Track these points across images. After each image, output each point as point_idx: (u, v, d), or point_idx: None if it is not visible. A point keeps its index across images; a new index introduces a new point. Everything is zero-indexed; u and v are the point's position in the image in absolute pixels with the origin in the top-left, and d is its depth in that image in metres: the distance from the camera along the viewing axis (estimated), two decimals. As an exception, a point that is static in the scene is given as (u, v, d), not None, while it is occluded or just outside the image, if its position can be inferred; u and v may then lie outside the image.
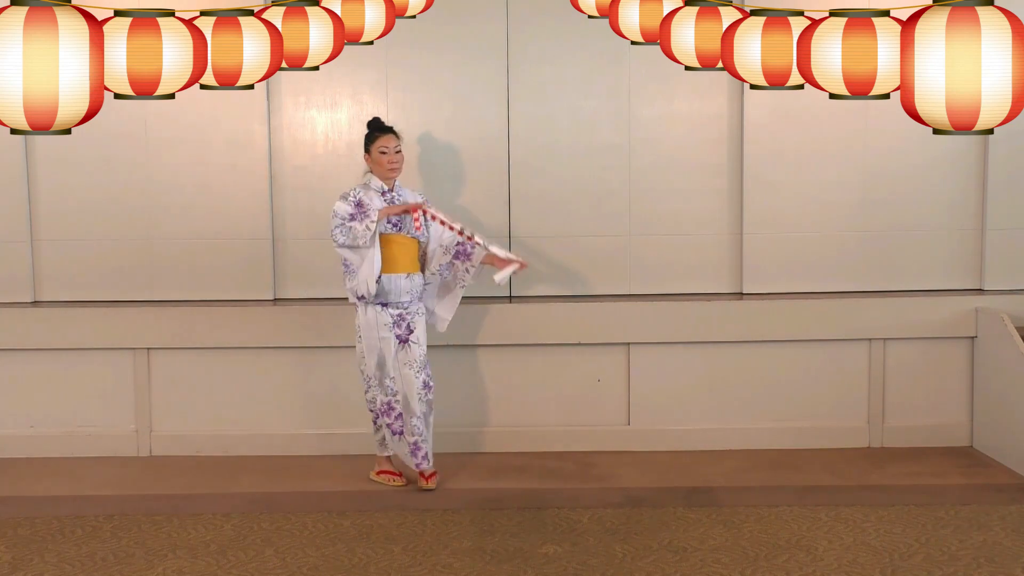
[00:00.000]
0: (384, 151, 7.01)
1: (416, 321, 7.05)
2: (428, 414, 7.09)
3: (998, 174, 7.94)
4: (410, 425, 7.04)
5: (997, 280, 7.97)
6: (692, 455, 7.75)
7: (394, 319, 7.00)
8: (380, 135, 7.04)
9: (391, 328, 7.00)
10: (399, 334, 7.01)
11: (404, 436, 7.07)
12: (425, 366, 7.05)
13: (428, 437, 7.07)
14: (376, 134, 7.06)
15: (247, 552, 6.13)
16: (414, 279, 7.05)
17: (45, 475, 7.47)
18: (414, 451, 7.05)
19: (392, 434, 7.10)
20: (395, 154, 7.02)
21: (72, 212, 7.92)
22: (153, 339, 7.79)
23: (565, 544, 6.20)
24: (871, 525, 6.43)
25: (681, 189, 8.03)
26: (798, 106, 7.79)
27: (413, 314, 7.04)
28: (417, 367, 7.02)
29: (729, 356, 7.88)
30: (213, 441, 7.83)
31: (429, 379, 7.07)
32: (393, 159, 7.01)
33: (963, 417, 7.94)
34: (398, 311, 7.00)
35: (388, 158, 7.00)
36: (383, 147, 7.01)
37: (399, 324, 7.01)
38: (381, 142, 7.02)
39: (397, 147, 7.04)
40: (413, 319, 7.04)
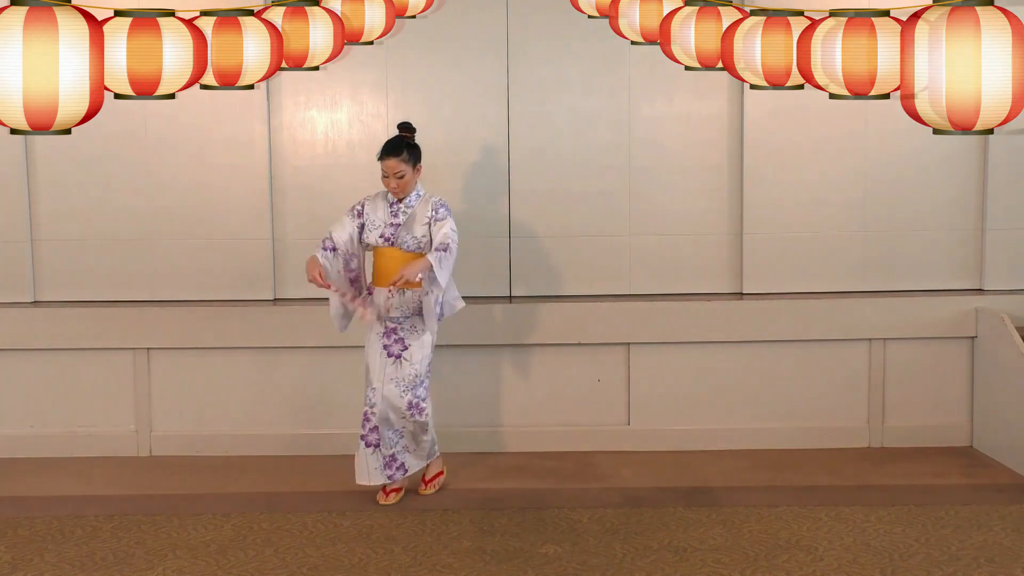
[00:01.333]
0: (385, 175, 6.72)
1: (411, 338, 6.77)
2: (418, 434, 6.78)
3: (998, 174, 7.94)
4: (386, 438, 6.76)
5: (997, 280, 7.97)
6: (692, 455, 7.75)
7: (386, 330, 6.77)
8: (383, 157, 6.72)
9: (380, 337, 6.77)
10: (388, 346, 6.75)
11: (379, 449, 6.76)
12: (415, 387, 6.73)
13: (412, 447, 6.80)
14: (381, 154, 6.74)
15: (247, 552, 6.13)
16: (406, 295, 6.73)
17: (45, 475, 7.47)
18: (388, 464, 6.77)
19: (365, 446, 6.76)
20: (396, 180, 6.67)
21: (72, 212, 7.92)
22: (153, 339, 7.79)
23: (565, 544, 6.19)
24: (871, 525, 6.43)
25: (681, 189, 8.03)
26: (798, 106, 7.79)
27: (408, 330, 6.76)
28: (404, 386, 6.72)
29: (729, 356, 7.88)
30: (213, 441, 7.83)
31: (420, 401, 6.74)
32: (392, 184, 6.69)
33: (963, 417, 7.94)
34: (392, 324, 6.77)
35: (388, 182, 6.72)
36: (384, 170, 6.71)
37: (389, 335, 6.76)
38: (382, 165, 6.72)
39: (399, 172, 6.66)
40: (408, 336, 6.77)
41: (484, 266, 7.94)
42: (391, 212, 6.78)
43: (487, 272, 7.97)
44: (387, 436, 6.76)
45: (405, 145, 6.72)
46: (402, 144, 6.72)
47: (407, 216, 6.76)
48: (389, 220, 6.77)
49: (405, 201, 6.77)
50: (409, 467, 6.84)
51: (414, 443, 6.82)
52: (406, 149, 6.71)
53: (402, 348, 6.77)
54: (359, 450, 6.79)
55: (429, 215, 6.73)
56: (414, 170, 6.75)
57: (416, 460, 6.86)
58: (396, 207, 6.78)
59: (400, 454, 6.80)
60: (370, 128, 7.97)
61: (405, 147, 6.71)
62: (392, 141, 6.76)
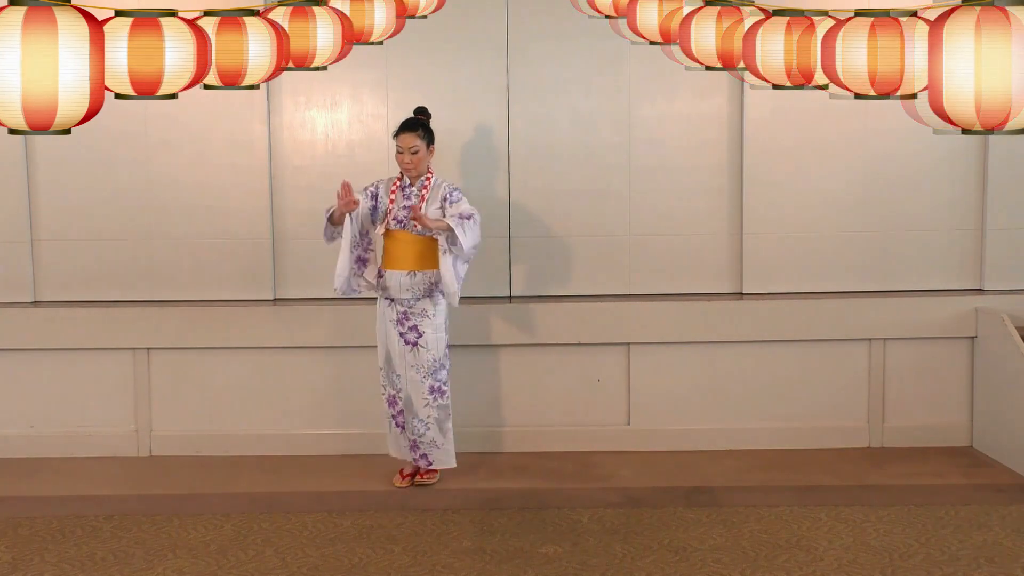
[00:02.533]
0: (400, 150, 6.97)
1: (424, 324, 6.95)
2: (442, 419, 7.02)
3: (998, 174, 7.94)
4: (411, 424, 7.02)
5: (997, 280, 7.97)
6: (692, 455, 7.75)
7: (399, 316, 6.97)
8: (399, 133, 6.99)
9: (396, 324, 6.97)
10: (403, 333, 6.96)
11: (405, 432, 7.06)
12: (435, 371, 6.97)
13: (440, 441, 7.02)
14: (398, 131, 7.01)
15: (247, 552, 6.13)
16: (417, 277, 6.94)
17: (45, 475, 7.46)
18: (413, 447, 7.05)
19: (395, 426, 7.09)
20: (411, 155, 6.92)
21: (72, 212, 7.92)
22: (153, 339, 7.79)
23: (565, 544, 6.19)
24: (871, 525, 6.43)
25: (681, 189, 8.03)
26: (798, 106, 7.79)
27: (419, 315, 6.95)
28: (424, 372, 6.96)
29: (729, 356, 7.88)
30: (213, 441, 7.83)
31: (441, 384, 7.00)
32: (406, 159, 6.93)
33: (963, 417, 7.94)
34: (402, 308, 6.95)
35: (402, 158, 6.95)
36: (398, 146, 6.97)
37: (403, 322, 6.96)
38: (398, 140, 6.98)
39: (414, 147, 6.92)
40: (420, 321, 6.94)
41: (484, 266, 7.94)
42: (404, 195, 6.95)
43: (487, 272, 7.96)
44: (412, 424, 7.00)
45: (421, 124, 7.00)
46: (419, 122, 7.01)
47: (420, 198, 6.92)
48: (402, 202, 6.94)
49: (418, 183, 6.96)
50: (434, 461, 7.06)
51: (441, 435, 7.02)
52: (422, 127, 6.98)
53: (417, 336, 6.95)
54: (390, 429, 7.12)
55: (442, 198, 6.94)
56: (428, 150, 7.00)
57: (444, 457, 7.07)
58: (409, 189, 6.96)
59: (427, 447, 7.02)
60: (370, 128, 7.97)
61: (421, 126, 6.98)
62: (409, 119, 7.04)
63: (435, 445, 7.03)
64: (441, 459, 7.07)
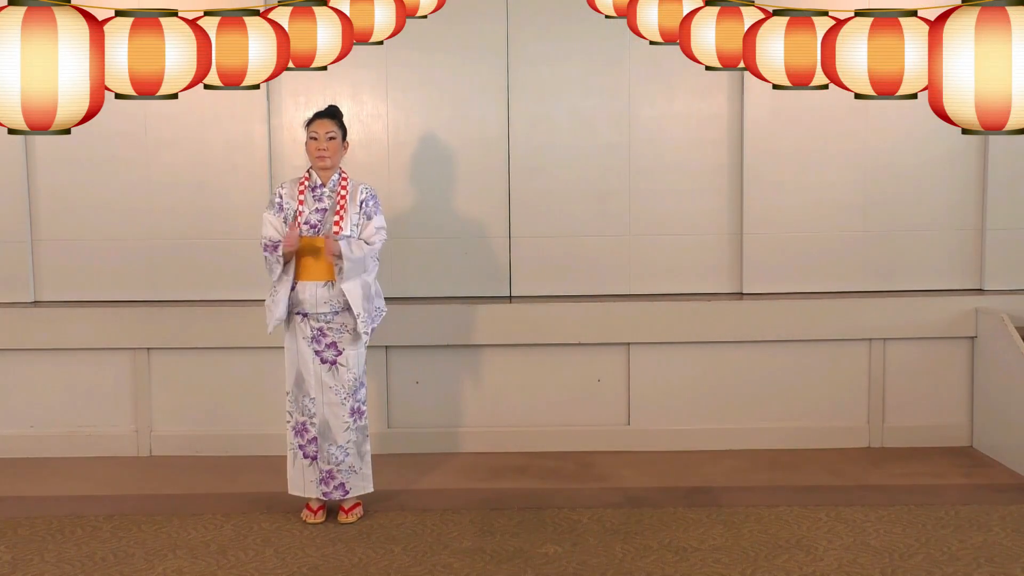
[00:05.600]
0: (314, 136, 6.35)
1: (343, 340, 6.36)
2: (360, 442, 6.45)
3: (998, 174, 7.94)
4: (325, 452, 6.41)
5: (997, 280, 7.97)
6: (692, 455, 7.75)
7: (314, 333, 6.36)
8: (313, 120, 6.39)
9: (310, 342, 6.36)
10: (320, 351, 6.37)
11: (316, 463, 6.45)
12: (355, 391, 6.39)
13: (358, 466, 6.44)
14: (311, 118, 6.42)
15: (247, 552, 6.13)
16: (335, 288, 6.32)
17: (45, 475, 7.47)
18: (326, 479, 6.42)
19: (302, 457, 6.45)
20: (327, 140, 6.31)
21: (72, 212, 7.93)
22: (153, 339, 7.79)
23: (565, 544, 6.19)
24: (871, 525, 6.43)
25: (681, 189, 8.03)
26: (798, 106, 7.79)
27: (338, 330, 6.35)
28: (345, 393, 6.37)
29: (729, 356, 7.88)
30: (213, 441, 7.83)
31: (361, 404, 6.42)
32: (321, 146, 6.31)
33: (963, 417, 7.94)
34: (318, 324, 6.34)
35: (316, 144, 6.33)
36: (312, 133, 6.36)
37: (319, 340, 6.36)
38: (312, 127, 6.38)
39: (330, 133, 6.33)
40: (339, 337, 6.35)
41: (484, 266, 7.94)
42: (315, 196, 6.37)
43: (487, 272, 7.97)
44: (328, 451, 6.42)
45: (339, 114, 6.51)
46: (336, 110, 6.52)
47: (332, 200, 6.36)
48: (314, 205, 6.37)
49: (331, 183, 6.39)
50: (351, 489, 6.48)
51: (360, 460, 6.46)
52: (339, 118, 6.48)
53: (336, 354, 6.38)
54: (295, 460, 6.48)
55: (361, 202, 6.37)
56: (343, 143, 6.46)
57: (361, 483, 6.49)
58: (321, 191, 6.36)
59: (345, 474, 6.45)
60: (370, 128, 7.97)
61: (338, 115, 6.49)
62: (324, 108, 6.52)
63: (353, 471, 6.43)
64: (359, 485, 6.47)
